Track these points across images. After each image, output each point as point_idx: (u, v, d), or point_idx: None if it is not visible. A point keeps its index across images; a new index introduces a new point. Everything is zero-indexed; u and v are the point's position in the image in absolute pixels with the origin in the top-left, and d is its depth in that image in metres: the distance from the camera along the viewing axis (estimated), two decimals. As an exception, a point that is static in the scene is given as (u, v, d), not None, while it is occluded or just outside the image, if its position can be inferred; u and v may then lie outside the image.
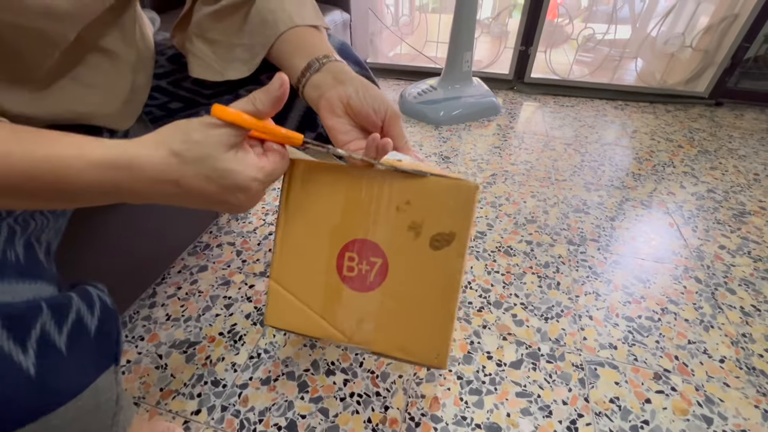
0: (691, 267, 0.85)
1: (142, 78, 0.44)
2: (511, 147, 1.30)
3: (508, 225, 0.96)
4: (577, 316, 0.73)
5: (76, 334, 0.28)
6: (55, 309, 0.27)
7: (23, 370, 0.24)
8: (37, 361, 0.25)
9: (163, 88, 0.48)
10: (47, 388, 0.25)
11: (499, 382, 0.63)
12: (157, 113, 0.49)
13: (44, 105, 0.35)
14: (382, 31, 1.91)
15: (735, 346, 0.69)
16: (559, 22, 1.75)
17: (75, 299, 0.29)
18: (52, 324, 0.26)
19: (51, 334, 0.26)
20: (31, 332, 0.25)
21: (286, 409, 0.59)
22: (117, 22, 0.37)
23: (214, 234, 0.92)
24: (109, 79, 0.39)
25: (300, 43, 0.40)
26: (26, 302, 0.25)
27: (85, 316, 0.29)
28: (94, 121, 0.39)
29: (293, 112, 0.50)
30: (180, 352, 0.67)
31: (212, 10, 0.42)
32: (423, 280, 0.33)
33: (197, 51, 0.43)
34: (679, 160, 1.25)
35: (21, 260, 0.27)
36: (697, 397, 0.61)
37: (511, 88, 1.77)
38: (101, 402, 0.31)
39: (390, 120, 0.36)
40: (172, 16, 0.81)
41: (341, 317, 0.36)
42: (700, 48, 1.54)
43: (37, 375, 0.25)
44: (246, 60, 0.43)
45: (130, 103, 0.43)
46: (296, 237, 0.37)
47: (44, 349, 0.25)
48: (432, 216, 0.32)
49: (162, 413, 0.59)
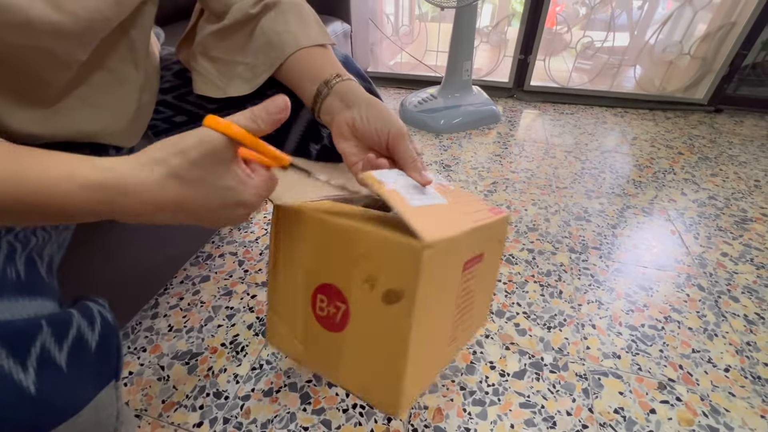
0: (693, 275, 0.84)
1: (147, 96, 0.45)
2: (512, 155, 1.31)
3: (509, 233, 0.96)
4: (580, 325, 0.73)
5: (77, 351, 0.28)
6: (56, 326, 0.27)
7: (24, 389, 0.24)
8: (37, 379, 0.25)
9: (169, 102, 0.49)
10: (48, 406, 0.25)
11: (503, 392, 0.63)
12: (162, 126, 0.50)
13: (52, 125, 0.35)
14: (383, 40, 1.93)
15: (740, 355, 0.68)
16: (557, 30, 1.77)
17: (76, 316, 0.29)
18: (53, 341, 0.26)
19: (51, 352, 0.26)
20: (31, 350, 0.25)
21: (289, 421, 0.59)
22: (126, 42, 0.37)
23: (216, 244, 0.92)
24: (117, 98, 0.39)
25: (308, 64, 0.41)
26: (26, 320, 0.25)
27: (86, 333, 0.29)
28: (101, 140, 0.40)
29: (297, 123, 0.50)
30: (182, 363, 0.67)
31: (216, 29, 0.43)
32: (378, 332, 0.33)
33: (201, 68, 0.44)
34: (679, 167, 1.25)
35: (21, 277, 0.27)
36: (702, 407, 0.61)
37: (511, 96, 1.78)
38: (102, 418, 0.30)
39: (394, 140, 0.36)
40: (176, 29, 0.82)
41: (316, 350, 0.38)
42: (698, 55, 1.55)
43: (38, 393, 0.24)
44: (248, 78, 0.43)
45: (137, 121, 0.43)
46: (281, 272, 0.40)
47: (44, 367, 0.25)
48: (384, 271, 0.32)
49: (164, 426, 0.59)
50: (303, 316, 0.38)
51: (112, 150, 0.43)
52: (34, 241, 0.31)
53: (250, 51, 0.43)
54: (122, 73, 0.38)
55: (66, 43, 0.31)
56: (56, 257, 0.36)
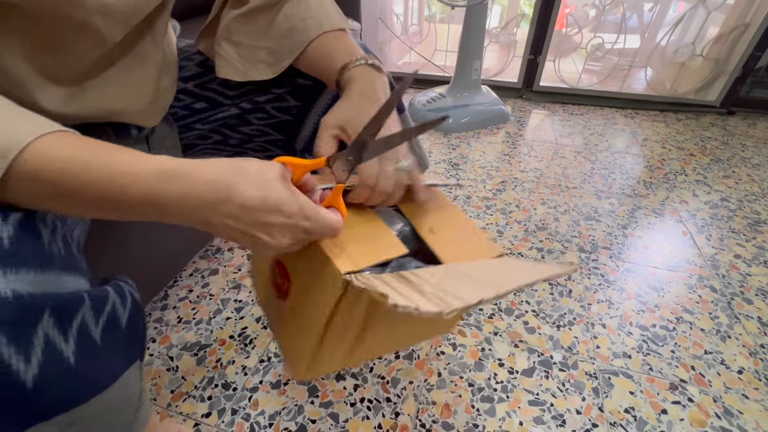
0: (705, 276, 0.83)
1: (167, 80, 0.46)
2: (521, 154, 1.30)
3: (518, 232, 0.95)
4: (590, 324, 0.73)
5: (111, 327, 0.29)
6: (95, 301, 0.27)
7: (65, 358, 0.24)
8: (77, 350, 0.25)
9: (189, 90, 0.50)
10: (86, 377, 0.26)
11: (511, 389, 0.62)
12: (181, 113, 0.51)
13: (77, 103, 0.36)
14: (392, 39, 1.94)
15: (753, 357, 0.67)
16: (567, 31, 1.76)
17: (111, 293, 0.30)
18: (91, 316, 0.27)
19: (89, 326, 0.27)
20: (72, 322, 0.25)
21: (296, 414, 0.59)
22: (150, 25, 0.39)
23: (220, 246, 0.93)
24: (137, 78, 0.40)
25: (334, 44, 0.42)
26: (72, 293, 0.26)
27: (119, 310, 0.30)
28: (123, 118, 0.41)
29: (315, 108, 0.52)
30: (191, 354, 0.67)
31: (240, 13, 0.44)
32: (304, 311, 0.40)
33: (224, 53, 0.46)
34: (691, 168, 1.23)
35: (63, 253, 0.28)
36: (715, 409, 0.60)
37: (520, 97, 1.77)
38: (127, 395, 0.31)
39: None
40: (191, 24, 0.83)
41: (270, 305, 0.48)
42: (710, 57, 1.54)
43: (77, 364, 0.25)
44: (270, 63, 0.45)
45: (156, 103, 0.44)
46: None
47: (83, 340, 0.26)
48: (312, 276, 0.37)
49: (173, 415, 0.59)
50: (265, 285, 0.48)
51: (133, 129, 0.44)
52: (68, 222, 0.31)
53: (273, 36, 0.44)
54: (143, 54, 0.39)
55: (111, 22, 0.33)
56: (82, 239, 0.37)
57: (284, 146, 0.58)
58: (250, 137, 0.56)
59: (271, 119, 0.54)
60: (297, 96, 0.52)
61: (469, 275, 0.35)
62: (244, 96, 0.51)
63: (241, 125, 0.54)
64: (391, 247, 0.37)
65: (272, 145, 0.57)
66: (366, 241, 0.37)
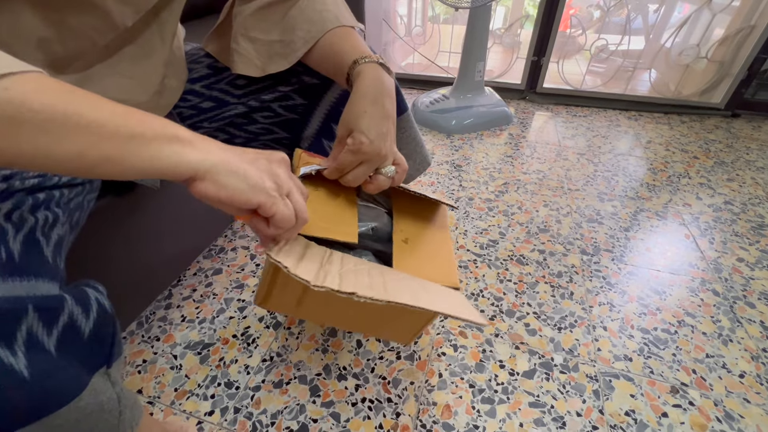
0: (708, 279, 0.83)
1: (174, 81, 0.46)
2: (524, 156, 1.30)
3: (520, 234, 0.95)
4: (591, 327, 0.73)
5: (68, 337, 0.28)
6: (44, 311, 0.26)
7: (16, 372, 0.24)
8: (29, 363, 0.24)
9: (196, 91, 0.51)
10: (44, 389, 0.25)
11: (512, 391, 0.62)
12: (188, 113, 0.52)
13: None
14: (395, 41, 1.94)
15: (755, 361, 0.67)
16: (571, 33, 1.76)
17: (68, 301, 0.29)
18: (40, 326, 0.26)
19: (39, 337, 0.26)
20: (17, 334, 0.24)
21: (298, 413, 0.59)
22: (158, 20, 0.40)
23: (229, 238, 0.94)
24: (142, 70, 0.41)
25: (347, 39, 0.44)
26: (11, 301, 0.25)
27: (79, 319, 0.29)
28: None
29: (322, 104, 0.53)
30: (194, 353, 0.68)
31: (255, 8, 0.45)
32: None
33: (242, 50, 0.47)
34: (694, 171, 1.23)
35: (15, 257, 0.27)
36: (716, 413, 0.60)
37: (524, 98, 1.77)
38: (102, 401, 0.31)
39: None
40: (194, 26, 0.84)
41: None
42: (715, 59, 1.53)
43: (32, 377, 0.24)
44: (285, 54, 0.46)
45: (161, 97, 0.45)
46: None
47: (34, 352, 0.25)
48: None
49: (176, 413, 0.59)
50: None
51: None
52: (32, 222, 0.30)
53: (287, 28, 0.45)
54: (150, 47, 0.40)
55: (124, 8, 0.34)
56: (67, 238, 0.36)
57: (289, 144, 0.58)
58: (255, 135, 0.56)
59: (277, 117, 0.54)
60: (303, 94, 0.53)
61: (383, 276, 0.38)
62: (251, 94, 0.52)
63: (248, 124, 0.55)
64: (343, 233, 0.41)
65: (277, 143, 0.57)
66: (326, 218, 0.41)
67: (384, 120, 0.39)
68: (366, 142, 0.38)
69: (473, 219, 1.00)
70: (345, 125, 0.41)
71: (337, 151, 0.41)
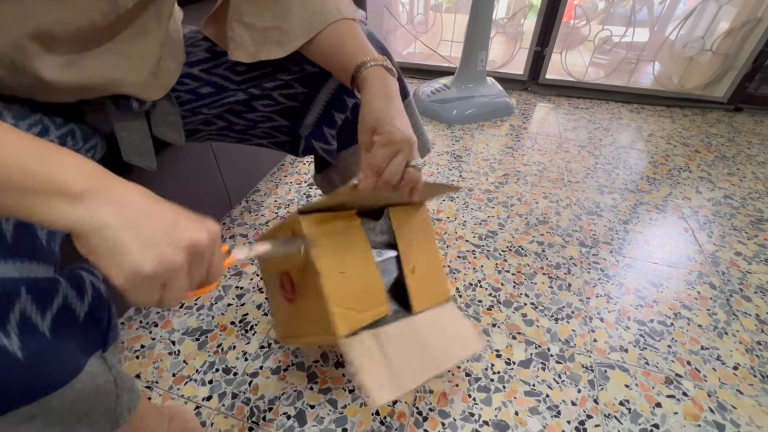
0: (705, 273, 0.83)
1: (171, 63, 0.45)
2: (524, 147, 1.29)
3: (519, 225, 0.95)
4: (588, 318, 0.73)
5: (63, 320, 0.28)
6: (37, 293, 0.26)
7: (10, 353, 0.24)
8: (22, 345, 0.24)
9: (195, 75, 0.50)
10: (39, 371, 0.25)
11: (508, 380, 0.63)
12: (186, 97, 0.51)
13: (76, 71, 0.36)
14: (397, 29, 1.91)
15: (749, 354, 0.68)
16: (575, 23, 1.73)
17: (62, 284, 0.29)
18: (33, 308, 0.26)
19: (33, 319, 0.26)
20: (9, 316, 0.24)
21: (296, 399, 0.60)
22: (154, 1, 0.39)
23: (227, 225, 0.93)
24: (138, 49, 0.40)
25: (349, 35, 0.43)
26: (3, 284, 0.25)
27: (73, 302, 0.29)
28: (123, 89, 0.41)
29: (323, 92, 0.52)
30: (192, 339, 0.68)
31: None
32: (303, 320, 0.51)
33: (236, 36, 0.46)
34: (695, 165, 1.23)
35: (8, 239, 0.27)
36: (709, 403, 0.60)
37: (525, 89, 1.75)
38: (99, 384, 0.31)
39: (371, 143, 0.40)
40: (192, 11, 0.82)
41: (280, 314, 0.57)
42: (720, 52, 1.51)
43: (26, 358, 0.24)
44: (282, 43, 0.45)
45: (158, 77, 0.44)
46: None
47: (27, 334, 0.25)
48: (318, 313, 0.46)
49: (174, 398, 0.60)
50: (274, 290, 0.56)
51: (134, 102, 0.44)
52: None
53: (284, 15, 0.44)
54: (146, 27, 0.39)
55: None
56: None
57: (289, 132, 0.58)
58: (255, 123, 0.56)
59: (278, 105, 0.54)
60: (304, 83, 0.52)
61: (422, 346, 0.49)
62: (251, 81, 0.51)
63: (247, 111, 0.54)
64: (380, 307, 0.48)
65: (277, 131, 0.57)
66: (358, 301, 0.46)
67: (402, 113, 0.39)
68: (396, 131, 0.38)
69: (473, 210, 1.00)
70: (367, 129, 0.39)
71: (367, 161, 0.39)
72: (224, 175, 0.87)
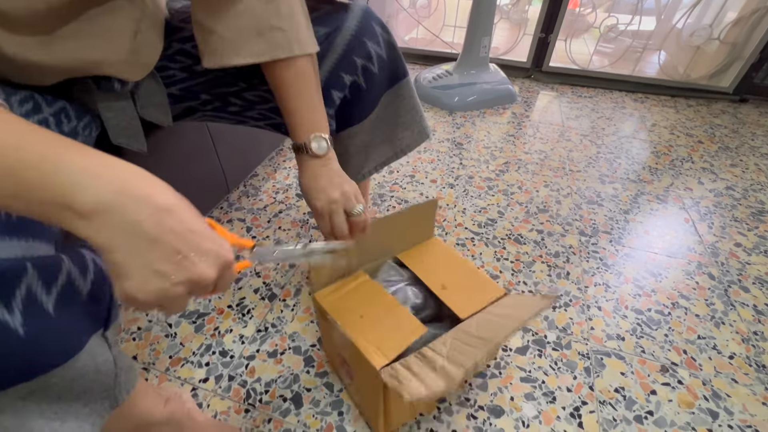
0: (704, 263, 0.83)
1: (150, 37, 0.44)
2: (526, 136, 1.28)
3: (519, 213, 0.95)
4: (586, 306, 0.73)
5: (66, 297, 0.28)
6: (43, 270, 0.26)
7: (11, 329, 0.24)
8: (24, 321, 0.24)
9: (188, 51, 0.48)
10: (40, 348, 0.25)
11: (504, 366, 0.63)
12: (179, 75, 0.49)
13: (51, 52, 0.35)
14: (399, 13, 1.88)
15: (746, 344, 0.68)
16: (581, 10, 1.70)
17: (66, 262, 0.28)
18: (39, 285, 0.26)
19: (38, 296, 0.25)
20: (15, 292, 0.24)
21: (292, 382, 0.60)
22: None
23: (224, 210, 0.92)
24: (109, 29, 0.39)
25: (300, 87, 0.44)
26: (10, 261, 0.25)
27: (77, 280, 0.29)
28: (104, 70, 0.40)
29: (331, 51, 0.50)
30: (189, 322, 0.68)
31: None
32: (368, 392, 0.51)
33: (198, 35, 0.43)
34: (698, 155, 1.22)
35: (12, 217, 0.27)
36: (703, 391, 0.61)
37: (529, 77, 1.73)
38: (99, 363, 0.31)
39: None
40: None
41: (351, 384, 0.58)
42: (727, 41, 1.49)
43: (27, 335, 0.24)
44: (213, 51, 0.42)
45: (138, 55, 0.43)
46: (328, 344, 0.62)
47: (31, 310, 0.25)
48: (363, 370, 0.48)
49: (171, 380, 0.60)
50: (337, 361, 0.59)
51: (116, 83, 0.42)
52: None
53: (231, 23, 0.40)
54: (113, 6, 0.38)
55: None
56: None
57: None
58: (251, 104, 0.54)
59: None
60: None
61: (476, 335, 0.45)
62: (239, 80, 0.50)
63: (244, 91, 0.53)
64: (412, 331, 0.48)
65: (273, 112, 0.55)
66: (391, 330, 0.48)
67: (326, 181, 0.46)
68: (317, 201, 0.46)
69: (472, 197, 0.99)
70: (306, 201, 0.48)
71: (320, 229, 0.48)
72: (222, 159, 0.85)
